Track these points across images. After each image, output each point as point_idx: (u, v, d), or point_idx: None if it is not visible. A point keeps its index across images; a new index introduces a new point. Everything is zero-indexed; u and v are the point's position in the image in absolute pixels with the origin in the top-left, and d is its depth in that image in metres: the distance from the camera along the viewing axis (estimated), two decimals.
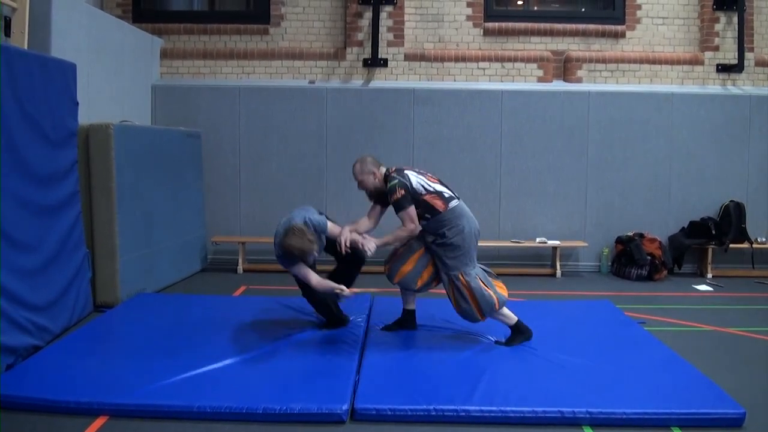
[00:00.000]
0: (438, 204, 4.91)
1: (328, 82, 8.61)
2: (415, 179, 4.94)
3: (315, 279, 4.97)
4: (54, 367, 4.42)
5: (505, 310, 5.04)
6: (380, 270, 5.31)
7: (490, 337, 5.20)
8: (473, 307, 4.91)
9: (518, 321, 5.07)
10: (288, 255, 4.84)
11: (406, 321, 5.43)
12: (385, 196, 5.00)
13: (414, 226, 4.90)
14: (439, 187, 4.98)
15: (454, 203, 4.96)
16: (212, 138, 8.42)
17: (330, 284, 5.01)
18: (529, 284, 7.70)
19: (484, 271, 5.09)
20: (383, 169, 5.10)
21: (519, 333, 5.06)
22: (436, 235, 4.94)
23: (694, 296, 7.30)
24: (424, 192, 4.91)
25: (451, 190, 5.05)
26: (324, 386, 4.12)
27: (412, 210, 4.89)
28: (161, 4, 9.10)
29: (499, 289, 5.00)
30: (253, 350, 4.80)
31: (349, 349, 4.83)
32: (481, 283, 4.92)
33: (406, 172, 4.99)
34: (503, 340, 5.11)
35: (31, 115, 5.05)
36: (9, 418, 3.78)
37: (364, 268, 5.47)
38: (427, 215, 4.93)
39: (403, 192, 4.87)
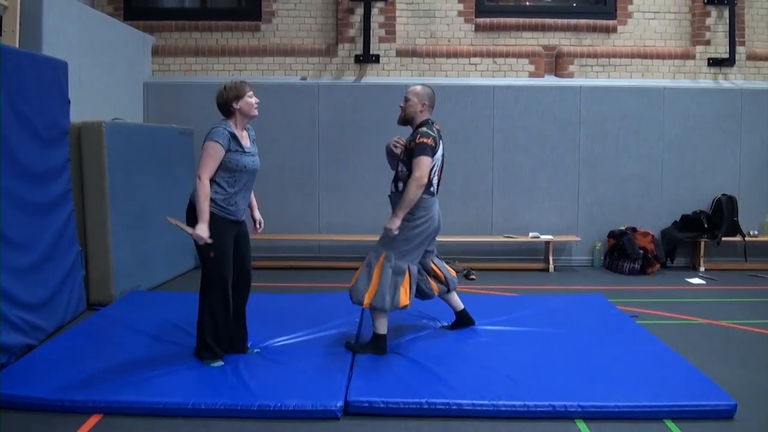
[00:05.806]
0: (426, 189, 4.70)
1: (319, 78, 8.61)
2: (439, 154, 4.76)
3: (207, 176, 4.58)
4: (48, 365, 4.42)
5: (383, 320, 4.72)
6: None
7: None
8: (368, 290, 4.63)
9: (383, 335, 4.74)
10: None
11: (461, 321, 5.37)
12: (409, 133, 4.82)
13: (421, 175, 4.55)
14: (435, 180, 4.79)
15: (433, 199, 4.79)
16: (204, 135, 8.36)
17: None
18: (522, 279, 7.72)
19: (414, 276, 4.78)
20: (428, 116, 4.86)
21: (375, 345, 4.73)
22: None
23: (687, 289, 7.33)
24: (431, 170, 4.69)
25: (437, 188, 4.86)
26: (318, 383, 4.13)
27: (428, 162, 4.61)
28: (152, 1, 9.07)
29: (401, 297, 4.67)
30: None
31: (343, 347, 4.84)
32: (391, 280, 4.65)
33: (440, 141, 4.80)
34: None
35: (23, 113, 5.04)
36: (3, 417, 3.78)
37: (355, 264, 5.37)
38: None
39: (432, 143, 4.63)
